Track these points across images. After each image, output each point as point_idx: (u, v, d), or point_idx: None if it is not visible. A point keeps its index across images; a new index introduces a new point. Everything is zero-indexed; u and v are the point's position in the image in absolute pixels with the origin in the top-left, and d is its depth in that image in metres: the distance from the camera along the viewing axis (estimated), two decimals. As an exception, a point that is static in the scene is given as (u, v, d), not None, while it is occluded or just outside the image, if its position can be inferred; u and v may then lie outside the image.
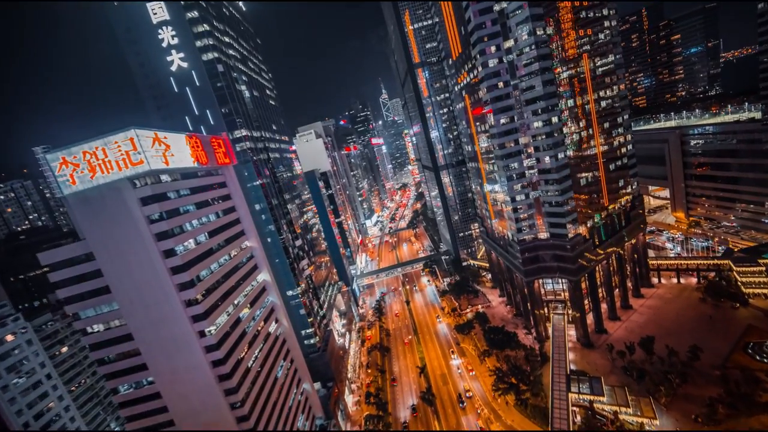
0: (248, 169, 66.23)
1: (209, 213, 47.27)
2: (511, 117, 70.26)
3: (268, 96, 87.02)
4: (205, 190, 48.04)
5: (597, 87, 72.32)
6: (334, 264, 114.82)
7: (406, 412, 71.26)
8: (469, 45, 74.05)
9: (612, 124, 75.91)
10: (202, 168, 48.22)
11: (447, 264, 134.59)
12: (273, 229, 68.51)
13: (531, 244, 75.48)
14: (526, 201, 73.81)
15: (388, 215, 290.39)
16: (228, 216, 52.40)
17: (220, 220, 49.65)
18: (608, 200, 77.24)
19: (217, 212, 49.55)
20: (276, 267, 68.85)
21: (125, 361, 39.83)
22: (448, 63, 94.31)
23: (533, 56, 63.78)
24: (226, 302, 45.00)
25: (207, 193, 48.13)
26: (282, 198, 75.88)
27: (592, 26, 70.49)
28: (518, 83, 67.65)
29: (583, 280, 74.47)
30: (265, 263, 57.92)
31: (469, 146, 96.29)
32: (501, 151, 72.22)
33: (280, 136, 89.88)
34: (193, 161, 44.11)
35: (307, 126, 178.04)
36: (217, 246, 46.81)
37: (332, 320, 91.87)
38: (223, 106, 64.19)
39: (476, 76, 74.27)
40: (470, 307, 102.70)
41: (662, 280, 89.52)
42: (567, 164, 68.70)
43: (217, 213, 49.51)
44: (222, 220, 50.32)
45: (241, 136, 65.38)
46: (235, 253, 51.65)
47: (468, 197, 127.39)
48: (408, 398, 75.02)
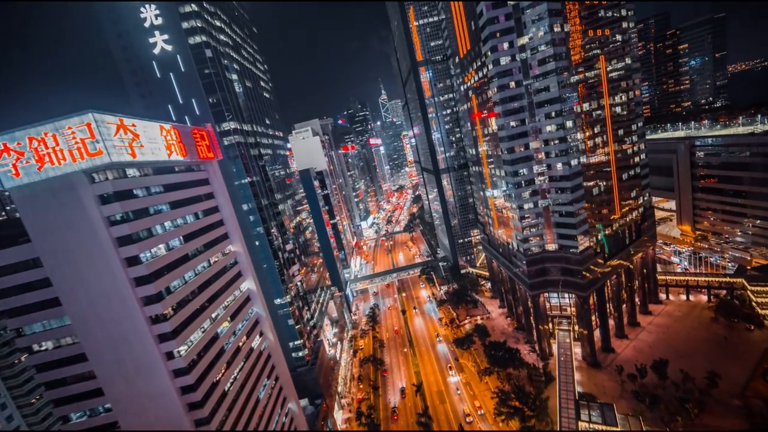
0: (236, 165, 60.58)
1: (187, 214, 41.60)
2: (521, 120, 65.72)
3: (262, 88, 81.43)
4: (183, 187, 42.37)
5: (612, 91, 68.19)
6: (327, 268, 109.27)
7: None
8: (479, 42, 69.44)
9: (626, 131, 71.88)
10: (180, 162, 42.57)
11: (445, 271, 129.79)
12: (262, 231, 62.91)
13: (538, 255, 70.94)
14: (534, 209, 69.30)
15: (384, 217, 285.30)
16: (210, 217, 46.74)
17: (199, 221, 43.99)
18: (620, 211, 73.15)
19: (196, 213, 43.88)
20: (263, 273, 63.22)
21: (78, 384, 33.97)
22: (454, 61, 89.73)
23: (549, 55, 59.29)
24: (202, 316, 39.35)
25: (185, 191, 42.45)
26: (273, 197, 70.30)
27: (610, 27, 66.36)
28: (531, 84, 63.15)
29: (591, 294, 70.13)
30: (250, 270, 52.30)
31: (473, 149, 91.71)
32: (509, 155, 67.62)
33: (274, 132, 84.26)
34: (169, 154, 38.47)
35: (303, 123, 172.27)
36: (195, 251, 41.15)
37: (323, 329, 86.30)
38: (211, 95, 58.53)
39: (485, 75, 69.66)
40: (469, 318, 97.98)
41: (670, 296, 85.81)
42: (580, 172, 64.35)
43: (196, 214, 43.84)
44: (202, 221, 44.66)
45: (229, 129, 59.74)
46: (216, 259, 45.99)
47: (468, 202, 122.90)
48: (403, 419, 69.77)
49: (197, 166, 47.53)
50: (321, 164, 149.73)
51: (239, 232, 51.99)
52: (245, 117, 65.23)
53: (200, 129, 47.50)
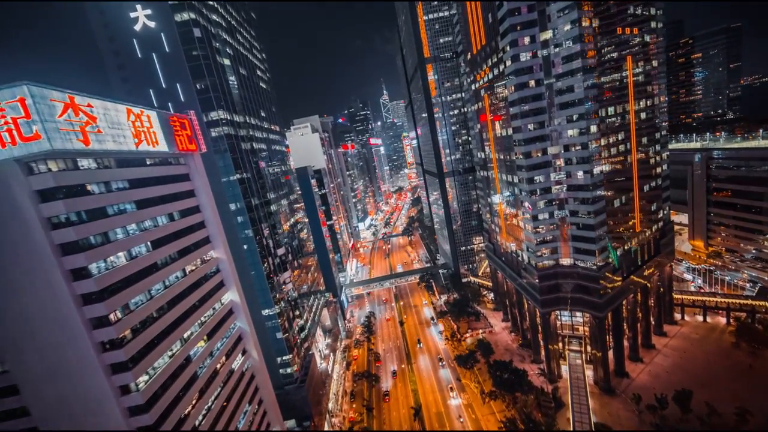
0: (224, 159, 54.27)
1: (158, 214, 35.34)
2: (540, 122, 60.23)
3: (258, 78, 75.13)
4: (155, 183, 36.12)
5: (638, 96, 62.96)
6: (321, 272, 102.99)
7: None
8: (495, 35, 63.85)
9: (650, 139, 66.73)
10: (154, 153, 36.29)
11: (445, 279, 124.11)
12: (251, 234, 56.63)
13: (551, 270, 65.46)
14: (550, 220, 63.84)
15: (382, 218, 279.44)
16: (188, 218, 40.47)
17: (175, 223, 37.72)
18: (640, 226, 67.94)
19: (171, 213, 37.60)
20: (250, 281, 56.92)
21: (8, 423, 27.54)
22: (466, 58, 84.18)
23: (576, 52, 53.83)
24: (171, 338, 33.09)
25: (158, 188, 36.21)
26: (266, 197, 64.03)
27: (639, 25, 61.15)
28: (553, 83, 57.69)
29: (607, 314, 64.74)
30: (234, 278, 46.04)
31: (481, 153, 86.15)
32: (525, 160, 62.09)
33: (269, 125, 77.96)
34: (138, 143, 32.20)
35: (302, 119, 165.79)
36: (166, 260, 34.88)
37: (315, 340, 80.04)
38: (198, 80, 52.19)
39: (502, 73, 64.09)
40: (470, 331, 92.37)
41: (686, 317, 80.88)
42: (602, 182, 58.97)
43: (171, 215, 37.56)
44: (178, 223, 38.40)
45: (218, 118, 53.42)
46: (193, 267, 39.72)
47: (472, 208, 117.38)
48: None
49: (176, 159, 41.23)
50: (319, 162, 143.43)
51: (223, 236, 45.74)
52: (237, 107, 58.96)
53: (181, 117, 41.23)
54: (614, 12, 57.30)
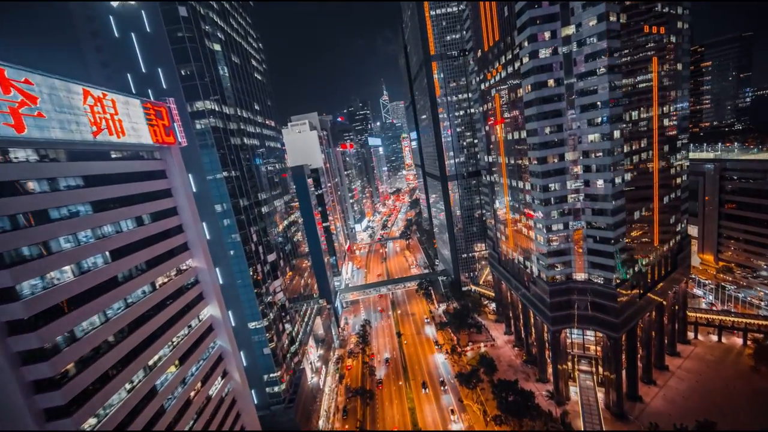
0: (210, 155, 48.64)
1: (122, 218, 29.76)
2: (558, 125, 55.50)
3: (253, 68, 69.53)
4: (120, 180, 30.54)
5: (662, 100, 58.62)
6: (315, 277, 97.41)
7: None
8: (511, 30, 59.08)
9: (671, 147, 62.43)
10: (120, 146, 30.71)
11: (444, 286, 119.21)
12: (238, 238, 51.01)
13: (563, 285, 60.75)
14: (564, 232, 59.12)
15: (379, 220, 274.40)
16: (162, 222, 34.90)
17: (144, 228, 32.16)
18: (658, 239, 63.61)
19: (139, 217, 32.01)
20: (236, 292, 51.32)
21: None
22: (475, 56, 79.42)
23: (601, 49, 49.14)
24: (132, 367, 27.56)
25: (124, 187, 30.63)
26: (256, 197, 58.48)
27: (666, 25, 56.81)
28: (574, 83, 53.00)
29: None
30: (215, 290, 40.49)
31: (489, 156, 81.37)
32: (540, 166, 57.32)
33: (264, 120, 72.38)
34: (96, 132, 26.65)
35: (300, 116, 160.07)
36: (129, 273, 29.31)
37: (307, 352, 74.47)
38: (183, 65, 46.56)
39: (517, 71, 59.33)
40: (471, 344, 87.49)
41: (699, 336, 76.75)
42: (623, 191, 54.38)
43: (139, 218, 31.98)
44: (149, 228, 32.83)
45: (204, 109, 47.80)
46: (165, 280, 34.15)
47: (475, 214, 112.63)
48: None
49: (149, 153, 35.62)
50: (317, 161, 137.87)
51: (204, 242, 40.17)
52: (227, 97, 53.39)
53: (157, 104, 35.66)
54: (642, 9, 52.86)
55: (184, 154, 44.23)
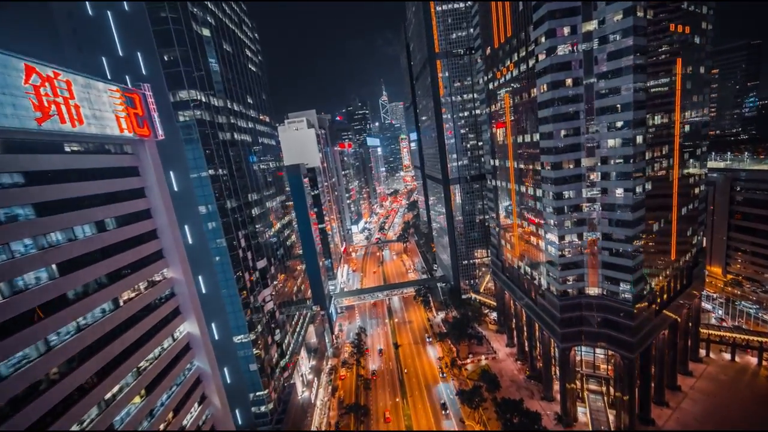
0: (194, 151, 43.80)
1: (79, 223, 24.93)
2: (575, 128, 51.52)
3: (247, 58, 64.71)
4: (77, 178, 25.71)
5: (684, 105, 54.94)
6: (309, 282, 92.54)
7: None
8: (526, 25, 55.07)
9: (691, 155, 58.83)
10: (74, 136, 25.90)
11: (443, 293, 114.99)
12: (224, 244, 46.17)
13: (575, 300, 56.76)
14: (578, 243, 55.14)
15: (377, 221, 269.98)
16: (131, 227, 30.11)
17: (106, 235, 27.37)
18: (675, 253, 59.94)
19: (102, 221, 27.19)
20: (220, 303, 46.46)
21: None
22: (484, 54, 75.37)
23: (626, 47, 45.21)
24: (83, 403, 22.72)
25: (80, 186, 25.81)
26: (246, 198, 53.67)
27: (692, 24, 53.14)
28: (593, 83, 49.06)
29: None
30: (193, 304, 35.67)
31: (496, 160, 77.33)
32: (554, 172, 53.29)
33: (257, 114, 67.57)
34: (42, 119, 21.85)
35: (298, 113, 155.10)
36: (84, 290, 24.49)
37: (298, 364, 69.63)
38: (166, 49, 41.72)
39: (531, 69, 55.31)
40: (471, 356, 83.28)
41: (711, 354, 73.29)
42: (644, 201, 50.53)
43: (101, 222, 27.16)
44: (113, 234, 28.04)
45: (188, 99, 42.96)
46: (133, 294, 29.31)
47: (476, 219, 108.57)
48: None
49: (119, 146, 30.78)
50: (314, 160, 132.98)
51: (182, 248, 35.34)
52: (216, 88, 48.57)
53: (129, 90, 30.84)
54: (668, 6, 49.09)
55: (165, 149, 39.44)
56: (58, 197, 23.51)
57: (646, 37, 46.35)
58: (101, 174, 28.03)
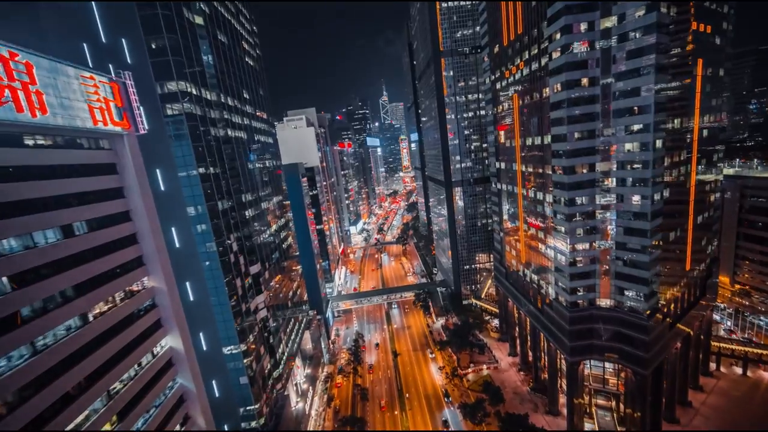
0: (183, 148, 40.50)
1: (39, 228, 21.66)
2: (590, 131, 48.68)
3: (244, 51, 61.46)
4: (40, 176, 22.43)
5: (704, 108, 52.32)
6: (305, 286, 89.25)
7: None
8: (540, 21, 52.25)
9: (708, 161, 56.22)
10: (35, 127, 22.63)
11: (443, 298, 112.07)
12: (214, 248, 42.87)
13: (586, 312, 53.91)
14: (590, 252, 52.30)
15: (375, 222, 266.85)
16: (105, 232, 26.86)
17: (74, 241, 24.09)
18: (690, 263, 57.26)
19: (69, 225, 23.91)
20: (209, 312, 43.15)
21: None
22: (491, 52, 72.53)
23: (648, 45, 42.41)
24: (35, 440, 19.44)
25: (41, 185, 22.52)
26: (240, 199, 50.41)
27: (713, 23, 50.53)
28: (611, 83, 46.25)
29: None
30: (177, 316, 32.41)
31: (502, 162, 74.46)
32: (567, 177, 50.42)
33: (254, 110, 64.31)
34: (-5, 106, 18.58)
35: (298, 111, 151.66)
36: (43, 305, 21.20)
37: (292, 373, 66.35)
38: (154, 36, 38.45)
39: (544, 68, 52.48)
40: (473, 365, 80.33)
41: (721, 368, 70.73)
42: (662, 210, 47.76)
43: (68, 227, 23.87)
44: (85, 240, 24.79)
45: (176, 91, 39.67)
46: (106, 308, 26.04)
47: (478, 224, 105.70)
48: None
49: (94, 141, 27.50)
50: (313, 160, 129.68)
51: (166, 255, 32.07)
52: (209, 80, 45.29)
53: (107, 78, 27.59)
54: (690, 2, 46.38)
55: (150, 145, 36.21)
56: (14, 198, 20.21)
57: (668, 35, 43.65)
58: (71, 172, 24.76)
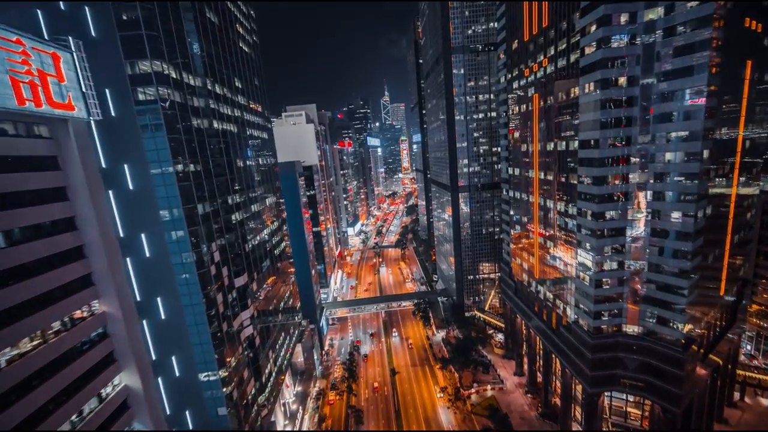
0: (157, 140, 34.24)
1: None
2: (626, 137, 43.09)
3: (239, 35, 55.28)
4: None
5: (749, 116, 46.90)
6: (299, 294, 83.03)
7: None
8: (570, 13, 46.62)
9: (749, 174, 50.88)
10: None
11: (444, 309, 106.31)
12: (191, 259, 36.65)
13: (610, 339, 48.35)
14: (618, 273, 46.72)
15: (374, 223, 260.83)
16: (38, 245, 20.64)
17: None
18: (724, 287, 51.89)
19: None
20: (182, 332, 36.90)
21: None
22: (509, 49, 66.90)
23: (702, 41, 36.86)
24: None
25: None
26: (225, 201, 44.23)
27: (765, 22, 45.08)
28: (652, 83, 40.69)
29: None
30: (134, 347, 26.21)
31: (516, 168, 68.85)
32: (597, 188, 44.82)
33: (247, 101, 58.12)
34: None
35: (297, 106, 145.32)
36: None
37: (281, 392, 60.16)
38: (125, 6, 32.19)
39: (574, 64, 46.87)
40: (476, 385, 74.64)
41: (746, 398, 65.56)
42: (704, 228, 42.26)
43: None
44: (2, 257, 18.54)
45: (149, 72, 33.41)
46: (32, 345, 19.82)
47: (483, 231, 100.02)
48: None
49: (25, 126, 21.29)
50: (312, 158, 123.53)
51: (121, 272, 25.88)
52: (194, 64, 39.12)
53: (44, 45, 21.43)
54: (745, -5, 40.90)
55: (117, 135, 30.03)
56: None
57: (721, 30, 38.14)
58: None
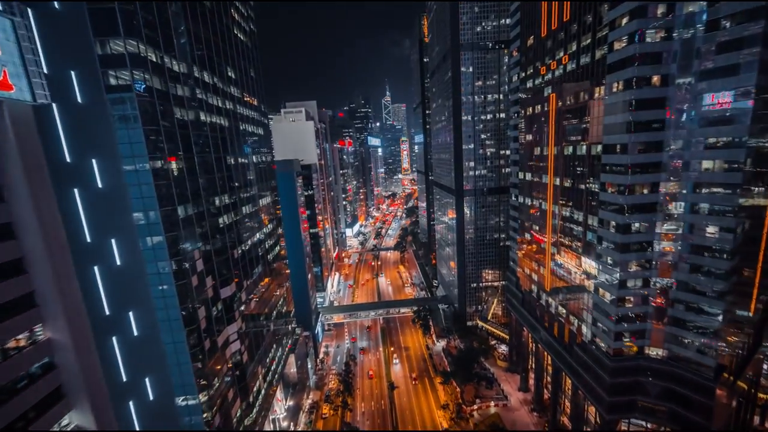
0: (131, 132, 29.76)
1: None
2: (657, 142, 39.04)
3: (234, 22, 50.86)
4: None
5: (788, 123, 42.88)
6: (293, 300, 78.54)
7: None
8: (596, 5, 42.57)
9: (782, 187, 46.76)
10: None
11: (445, 317, 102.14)
12: (168, 269, 32.17)
13: (631, 362, 44.33)
14: (642, 290, 42.65)
15: (373, 224, 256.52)
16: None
17: None
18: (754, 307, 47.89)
19: None
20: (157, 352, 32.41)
21: None
22: (524, 45, 62.87)
23: (751, 36, 32.82)
24: None
25: None
26: (211, 203, 39.79)
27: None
28: (690, 83, 36.66)
29: None
30: (89, 380, 21.75)
31: (527, 173, 64.81)
32: (623, 197, 40.73)
33: (241, 93, 53.68)
34: None
35: (297, 103, 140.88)
36: None
37: (271, 408, 55.65)
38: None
39: (599, 61, 42.81)
40: (479, 401, 70.51)
41: (766, 423, 61.64)
42: (742, 245, 38.26)
43: None
44: None
45: (126, 53, 28.93)
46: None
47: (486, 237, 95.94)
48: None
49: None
50: (311, 157, 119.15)
51: (74, 290, 21.40)
52: (179, 46, 34.69)
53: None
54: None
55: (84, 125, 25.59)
56: None
57: None
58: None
